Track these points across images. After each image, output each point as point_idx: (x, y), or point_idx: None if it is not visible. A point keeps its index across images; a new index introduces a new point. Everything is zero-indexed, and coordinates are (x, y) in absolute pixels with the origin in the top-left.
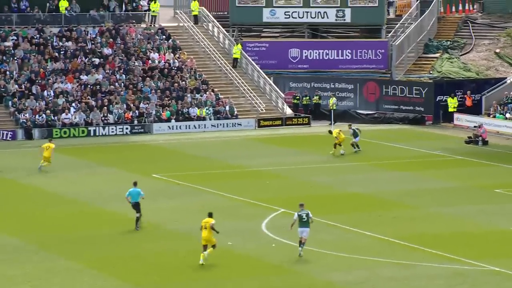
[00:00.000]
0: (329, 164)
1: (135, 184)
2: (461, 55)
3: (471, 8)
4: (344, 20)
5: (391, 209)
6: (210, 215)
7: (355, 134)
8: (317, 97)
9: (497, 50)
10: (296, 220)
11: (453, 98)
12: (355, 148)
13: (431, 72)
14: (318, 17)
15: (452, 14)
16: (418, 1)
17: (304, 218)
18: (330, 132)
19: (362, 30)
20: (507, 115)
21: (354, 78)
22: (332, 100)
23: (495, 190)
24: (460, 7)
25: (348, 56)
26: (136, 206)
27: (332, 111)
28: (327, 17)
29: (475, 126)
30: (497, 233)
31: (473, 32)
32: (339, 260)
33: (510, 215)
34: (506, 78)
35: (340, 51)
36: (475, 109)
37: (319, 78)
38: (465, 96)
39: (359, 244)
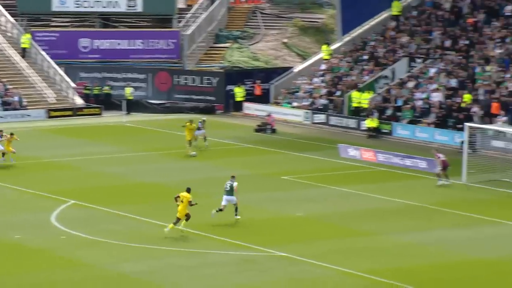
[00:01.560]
0: (120, 154)
1: None
2: (250, 45)
3: None
4: (135, 9)
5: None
6: (188, 190)
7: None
8: (108, 87)
9: (285, 40)
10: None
11: (239, 87)
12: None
13: (221, 61)
14: (109, 7)
15: (242, 5)
16: None
17: (227, 188)
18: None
19: (153, 19)
20: (294, 103)
21: (146, 68)
22: (129, 90)
23: (282, 177)
24: None
25: (140, 46)
26: None
27: (127, 100)
28: (118, 7)
29: (267, 115)
30: (284, 220)
31: (262, 22)
32: (130, 250)
33: (296, 202)
34: (293, 67)
35: (131, 41)
36: (264, 98)
37: (111, 68)
38: (255, 85)
39: (150, 234)
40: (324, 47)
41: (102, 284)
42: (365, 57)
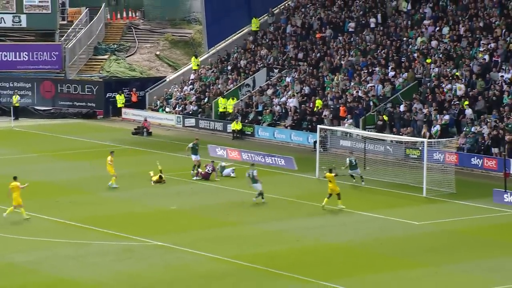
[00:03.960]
0: (10, 156)
1: None
2: (126, 57)
3: (134, 16)
4: (20, 25)
5: (68, 194)
6: (331, 170)
7: (353, 167)
8: None
9: (157, 53)
10: (348, 165)
11: (121, 95)
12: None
13: (101, 72)
14: None
15: (118, 21)
16: (87, 9)
17: (353, 163)
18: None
19: (37, 34)
20: (167, 109)
21: (32, 77)
22: (16, 98)
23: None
24: (125, 14)
25: (26, 58)
26: None
27: (14, 107)
28: (4, 22)
29: (144, 120)
30: (160, 212)
31: (136, 37)
32: (20, 243)
33: (170, 196)
34: (165, 76)
35: (18, 53)
36: (141, 104)
37: None
38: (131, 92)
39: (38, 227)
40: (193, 58)
41: None
42: (229, 67)
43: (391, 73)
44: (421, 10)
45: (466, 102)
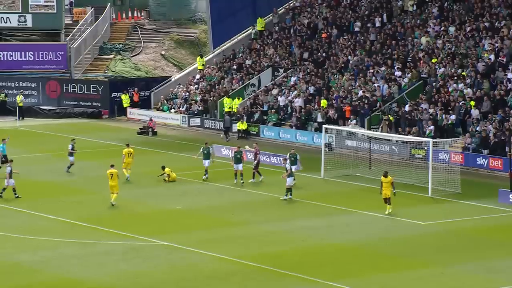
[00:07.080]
0: (16, 156)
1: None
2: (132, 57)
3: (139, 15)
4: (26, 25)
5: (74, 194)
6: (385, 174)
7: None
8: (3, 95)
9: (163, 52)
10: (287, 160)
11: (126, 94)
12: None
13: (106, 71)
14: (1, 22)
15: (123, 21)
16: (92, 9)
17: (292, 158)
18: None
19: (43, 34)
20: (172, 110)
21: (37, 77)
22: (20, 97)
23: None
24: (130, 14)
25: (31, 58)
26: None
27: (19, 107)
28: (10, 22)
29: (149, 120)
30: (165, 212)
31: (142, 36)
32: (25, 242)
33: (176, 196)
34: (171, 76)
35: (23, 53)
36: (146, 104)
37: (5, 78)
38: (133, 92)
39: (44, 227)
40: (198, 58)
41: None
42: (235, 67)
43: (398, 73)
44: (426, 10)
45: (472, 103)
